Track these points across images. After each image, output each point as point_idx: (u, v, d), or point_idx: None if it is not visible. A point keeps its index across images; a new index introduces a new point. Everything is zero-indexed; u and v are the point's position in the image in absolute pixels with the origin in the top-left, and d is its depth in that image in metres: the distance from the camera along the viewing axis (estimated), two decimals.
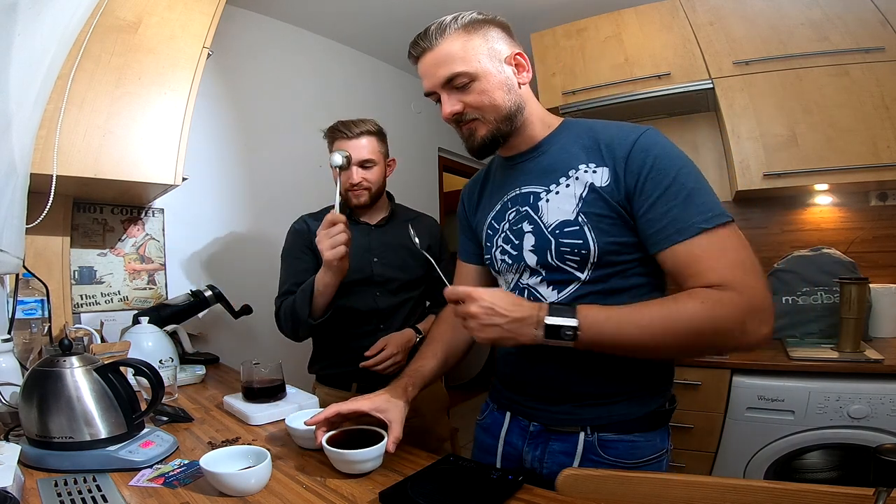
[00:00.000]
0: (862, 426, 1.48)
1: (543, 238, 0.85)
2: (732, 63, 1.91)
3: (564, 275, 0.85)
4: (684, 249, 0.74)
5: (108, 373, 0.87)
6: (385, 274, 1.43)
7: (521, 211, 0.90)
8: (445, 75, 0.82)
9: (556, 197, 0.85)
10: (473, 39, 0.82)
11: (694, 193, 0.75)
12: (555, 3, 2.27)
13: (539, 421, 0.91)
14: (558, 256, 0.84)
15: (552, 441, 0.89)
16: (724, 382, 1.69)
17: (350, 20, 2.51)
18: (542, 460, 0.90)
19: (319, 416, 0.87)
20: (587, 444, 0.86)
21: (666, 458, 0.88)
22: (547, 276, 0.87)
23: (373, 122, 1.43)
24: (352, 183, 1.40)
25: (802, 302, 1.93)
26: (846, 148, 1.73)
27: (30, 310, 1.36)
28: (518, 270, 0.91)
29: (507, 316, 0.75)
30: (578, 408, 0.87)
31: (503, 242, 0.93)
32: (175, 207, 1.98)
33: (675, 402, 0.91)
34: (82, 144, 1.32)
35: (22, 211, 1.12)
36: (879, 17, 1.74)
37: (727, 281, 0.71)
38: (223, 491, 0.73)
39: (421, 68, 0.86)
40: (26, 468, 0.80)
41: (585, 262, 0.82)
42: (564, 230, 0.83)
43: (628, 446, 0.85)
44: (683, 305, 0.72)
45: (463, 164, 3.71)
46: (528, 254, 0.88)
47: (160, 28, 1.48)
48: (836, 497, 0.66)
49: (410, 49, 0.86)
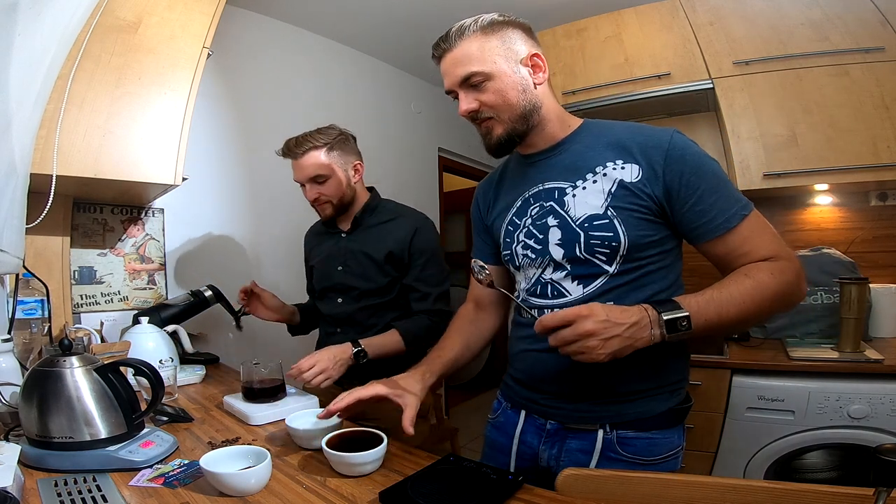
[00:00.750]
0: (862, 426, 1.48)
1: (571, 232, 0.87)
2: (732, 63, 1.91)
3: (592, 268, 0.86)
4: (734, 235, 0.81)
5: (108, 373, 0.87)
6: (346, 282, 1.44)
7: (544, 206, 0.91)
8: (462, 74, 0.86)
9: (584, 192, 0.87)
10: (491, 41, 0.86)
11: (728, 186, 0.83)
12: (555, 3, 2.27)
13: (556, 419, 0.91)
14: (587, 249, 0.85)
15: (569, 439, 0.90)
16: (724, 382, 1.68)
17: (350, 20, 2.51)
18: (558, 458, 0.90)
19: (340, 403, 0.89)
20: (606, 442, 0.87)
21: (681, 454, 0.90)
22: (573, 270, 0.88)
23: (323, 135, 1.40)
24: (311, 201, 1.44)
25: (802, 302, 1.93)
26: (846, 148, 1.73)
27: (30, 310, 1.36)
28: (541, 265, 0.91)
29: (625, 323, 0.72)
30: (597, 405, 0.87)
31: (525, 237, 0.93)
32: (175, 207, 1.98)
33: (691, 399, 0.93)
34: (82, 144, 1.32)
35: (22, 211, 1.12)
36: (879, 17, 1.74)
37: (776, 252, 0.80)
38: (223, 491, 0.73)
39: (442, 68, 0.90)
40: (26, 468, 0.80)
41: (615, 254, 0.84)
42: (594, 223, 0.85)
43: (646, 443, 0.86)
44: (760, 279, 0.78)
45: (463, 164, 3.71)
46: (555, 248, 0.88)
47: (160, 28, 1.48)
48: (836, 497, 0.66)
49: (433, 50, 0.90)
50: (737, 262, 0.82)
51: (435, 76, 3.60)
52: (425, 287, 1.41)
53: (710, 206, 0.81)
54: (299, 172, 1.41)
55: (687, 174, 0.82)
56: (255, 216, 2.31)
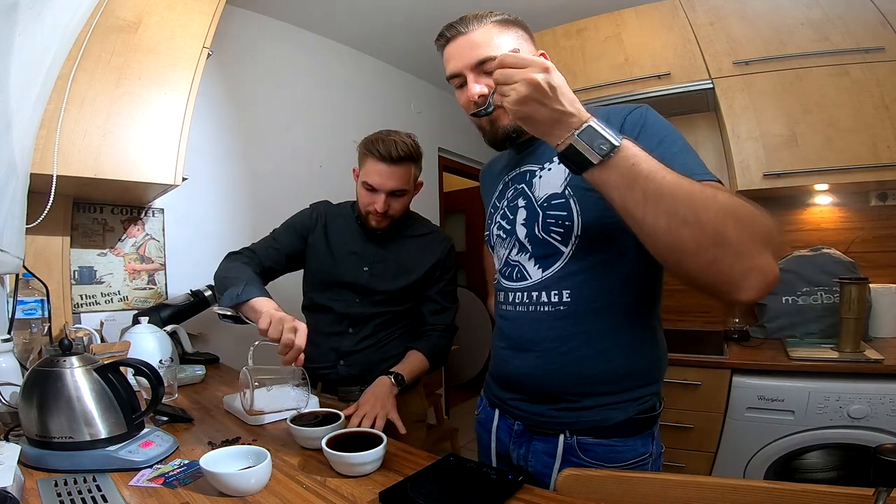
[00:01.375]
0: (862, 426, 1.48)
1: (533, 211, 0.89)
2: (732, 63, 1.91)
3: (549, 248, 0.87)
4: None
5: (108, 373, 0.87)
6: (371, 285, 1.38)
7: (517, 188, 0.94)
8: (478, 57, 0.86)
9: (549, 173, 0.88)
10: (505, 34, 0.87)
11: (686, 151, 0.76)
12: (555, 3, 2.27)
13: (521, 421, 0.94)
14: (544, 228, 0.87)
15: (535, 441, 0.91)
16: (724, 382, 1.69)
17: (350, 20, 2.51)
18: (526, 459, 0.92)
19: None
20: (567, 447, 0.88)
21: (651, 461, 0.88)
22: (533, 250, 0.89)
23: (412, 144, 1.31)
24: (377, 210, 1.31)
25: (802, 302, 1.93)
26: (846, 148, 1.73)
27: (30, 310, 1.36)
28: (509, 245, 0.93)
29: (562, 104, 0.62)
30: (557, 410, 0.88)
31: (500, 219, 0.96)
32: (175, 207, 1.98)
33: (659, 408, 0.90)
34: (82, 144, 1.32)
35: (22, 211, 1.12)
36: (879, 17, 1.74)
37: None
38: (223, 491, 0.73)
39: (450, 50, 0.89)
40: (26, 468, 0.80)
41: (569, 234, 0.84)
42: (552, 203, 0.86)
43: (607, 450, 0.86)
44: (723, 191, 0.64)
45: (463, 164, 3.71)
46: (520, 227, 0.91)
47: (160, 28, 1.48)
48: (836, 497, 0.66)
49: (444, 30, 0.89)
50: None
51: (435, 76, 3.59)
52: (445, 302, 1.43)
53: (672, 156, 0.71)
54: (385, 179, 1.29)
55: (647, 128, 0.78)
56: (255, 216, 2.31)
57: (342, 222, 1.46)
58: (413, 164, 1.33)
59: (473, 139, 4.01)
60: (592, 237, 0.83)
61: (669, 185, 0.61)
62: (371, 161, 1.30)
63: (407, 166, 1.31)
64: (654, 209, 0.61)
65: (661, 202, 0.61)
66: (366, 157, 1.32)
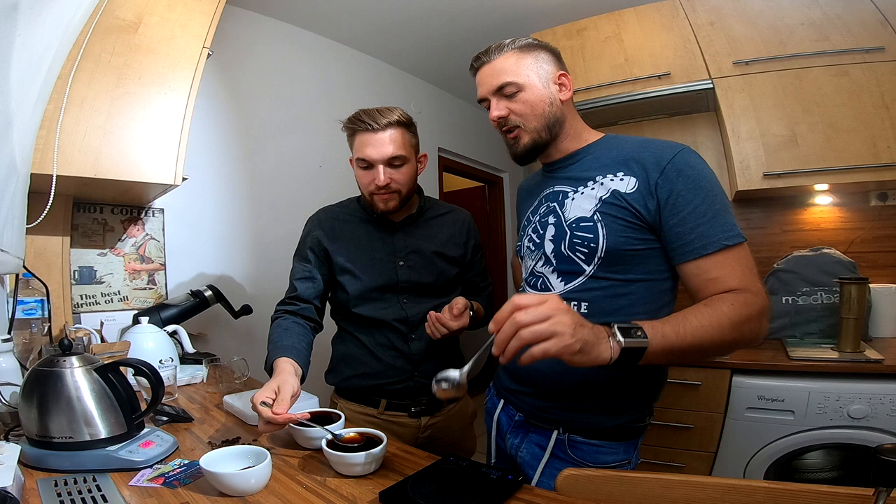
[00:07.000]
0: (862, 426, 1.48)
1: (561, 230, 0.94)
2: (732, 63, 1.91)
3: (573, 265, 0.92)
4: (707, 261, 0.83)
5: (108, 373, 0.87)
6: (412, 279, 1.26)
7: (550, 206, 1.00)
8: (497, 83, 0.95)
9: (580, 197, 0.94)
10: (526, 58, 0.95)
11: (719, 214, 0.84)
12: (555, 3, 2.27)
13: (522, 412, 1.00)
14: (570, 247, 0.92)
15: (531, 432, 0.98)
16: (724, 382, 1.69)
17: (350, 20, 2.52)
18: (518, 448, 0.99)
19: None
20: (558, 442, 0.94)
21: (628, 468, 0.93)
22: (557, 265, 0.95)
23: (401, 111, 1.24)
24: (378, 185, 1.20)
25: (802, 302, 1.93)
26: (846, 148, 1.73)
27: (30, 310, 1.36)
28: (537, 258, 0.99)
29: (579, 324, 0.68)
30: (555, 407, 0.94)
31: (532, 232, 1.03)
32: (175, 207, 1.98)
33: (646, 421, 0.96)
34: (82, 144, 1.33)
35: (22, 211, 1.12)
36: (879, 17, 1.74)
37: (744, 285, 0.80)
38: (223, 491, 0.73)
39: (479, 78, 0.99)
40: (26, 468, 0.80)
41: (593, 255, 0.89)
42: (580, 224, 0.91)
43: (593, 450, 0.92)
44: (717, 307, 0.78)
45: (463, 165, 3.71)
46: (548, 242, 0.97)
47: (160, 28, 1.48)
48: (836, 497, 0.66)
49: (473, 62, 1.00)
50: (705, 287, 0.82)
51: (434, 76, 3.60)
52: (482, 281, 1.42)
53: (691, 230, 0.83)
54: (376, 149, 1.19)
55: (677, 193, 0.84)
56: (255, 216, 2.31)
57: (352, 223, 1.33)
58: (404, 129, 1.22)
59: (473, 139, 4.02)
60: (613, 260, 0.88)
61: (692, 335, 0.75)
62: (358, 136, 1.22)
63: (398, 130, 1.21)
64: (692, 354, 0.77)
65: (695, 348, 0.76)
66: (353, 134, 1.24)
